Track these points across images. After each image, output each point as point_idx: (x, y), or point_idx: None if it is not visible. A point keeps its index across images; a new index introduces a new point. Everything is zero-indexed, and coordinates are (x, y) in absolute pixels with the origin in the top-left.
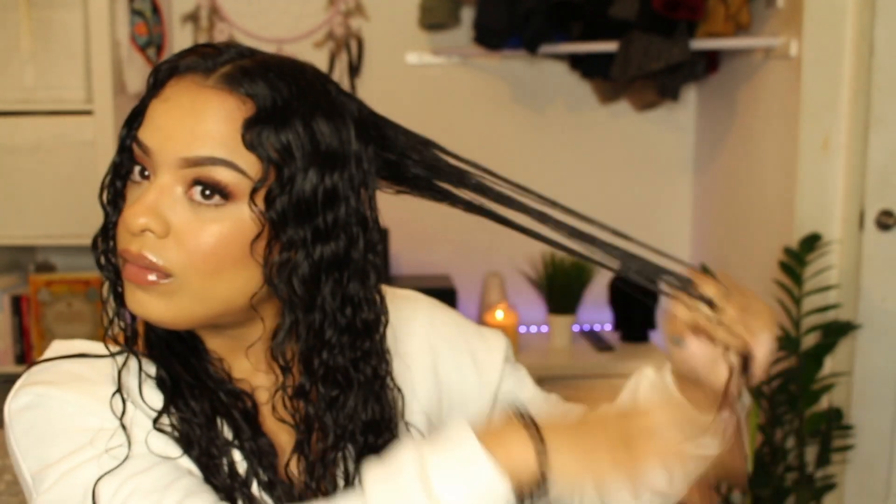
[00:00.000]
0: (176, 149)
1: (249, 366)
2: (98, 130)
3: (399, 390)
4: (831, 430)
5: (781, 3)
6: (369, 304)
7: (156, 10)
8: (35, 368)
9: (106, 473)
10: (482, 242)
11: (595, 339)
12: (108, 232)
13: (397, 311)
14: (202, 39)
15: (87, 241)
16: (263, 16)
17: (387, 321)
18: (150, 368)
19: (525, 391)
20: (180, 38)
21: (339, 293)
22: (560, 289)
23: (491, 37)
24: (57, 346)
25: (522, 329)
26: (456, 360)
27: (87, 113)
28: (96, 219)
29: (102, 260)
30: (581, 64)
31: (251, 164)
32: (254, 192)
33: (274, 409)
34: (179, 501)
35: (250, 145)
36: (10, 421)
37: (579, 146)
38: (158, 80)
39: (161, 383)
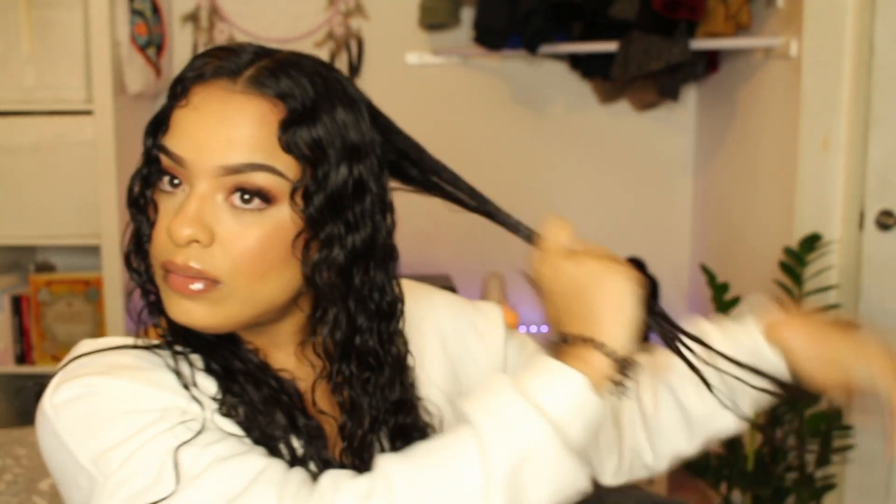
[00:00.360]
0: (213, 157)
1: (283, 358)
2: (98, 130)
3: (413, 369)
4: (831, 429)
5: (781, 3)
6: (391, 288)
7: (156, 10)
8: (72, 365)
9: (185, 442)
10: (482, 242)
11: None
12: (140, 244)
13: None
14: (202, 39)
15: (88, 241)
16: (263, 16)
17: (403, 303)
18: (196, 360)
19: (529, 347)
20: (180, 39)
21: (368, 279)
22: None
23: (491, 37)
24: (86, 345)
25: (522, 329)
26: (461, 336)
27: (87, 113)
28: (96, 219)
29: (137, 276)
30: (581, 64)
31: (288, 165)
32: (293, 192)
33: (314, 401)
34: (265, 466)
35: (287, 147)
36: (55, 414)
37: (579, 146)
38: (185, 89)
39: (212, 372)
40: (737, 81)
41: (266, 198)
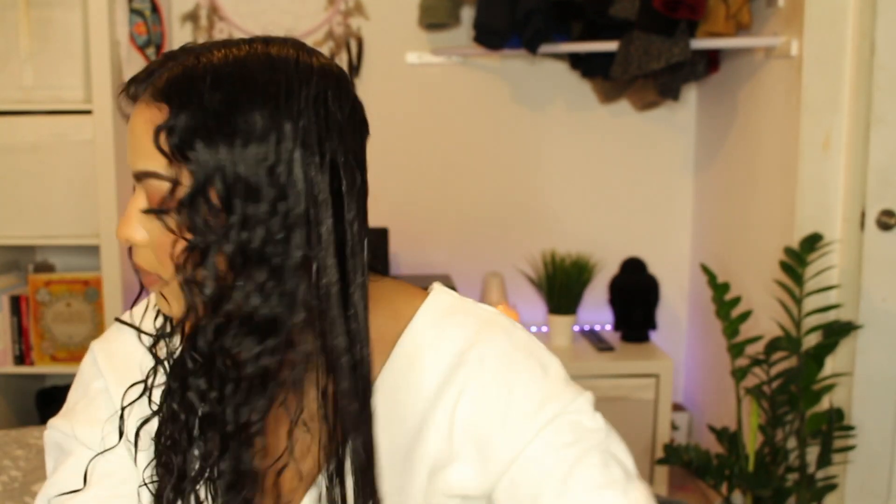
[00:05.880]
0: (133, 166)
1: None
2: (97, 130)
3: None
4: (832, 430)
5: (782, 2)
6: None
7: (155, 9)
8: None
9: None
10: (482, 242)
11: (595, 339)
12: None
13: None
14: (201, 39)
15: (87, 241)
16: (263, 15)
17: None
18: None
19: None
20: (179, 38)
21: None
22: (560, 289)
23: (491, 36)
24: None
25: None
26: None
27: (87, 112)
28: (95, 219)
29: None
30: (581, 64)
31: (178, 171)
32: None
33: None
34: None
35: (161, 151)
36: None
37: (579, 146)
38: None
39: None
40: (737, 81)
41: (162, 202)
